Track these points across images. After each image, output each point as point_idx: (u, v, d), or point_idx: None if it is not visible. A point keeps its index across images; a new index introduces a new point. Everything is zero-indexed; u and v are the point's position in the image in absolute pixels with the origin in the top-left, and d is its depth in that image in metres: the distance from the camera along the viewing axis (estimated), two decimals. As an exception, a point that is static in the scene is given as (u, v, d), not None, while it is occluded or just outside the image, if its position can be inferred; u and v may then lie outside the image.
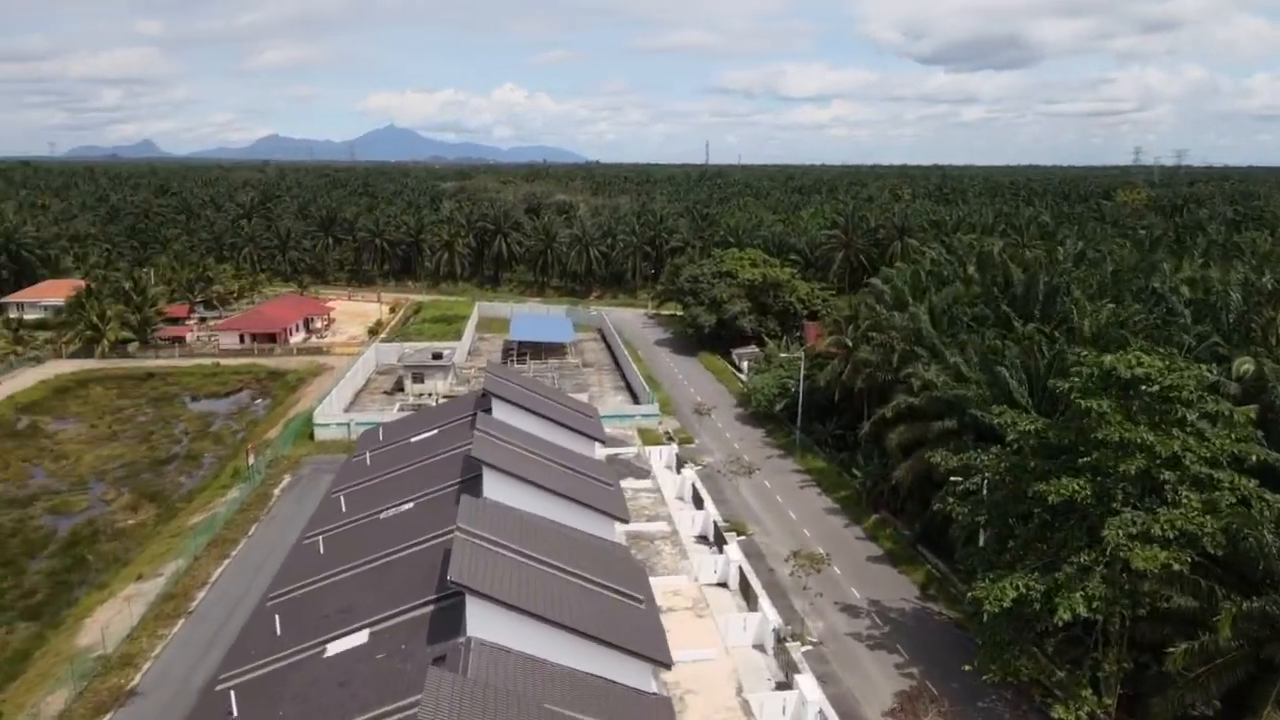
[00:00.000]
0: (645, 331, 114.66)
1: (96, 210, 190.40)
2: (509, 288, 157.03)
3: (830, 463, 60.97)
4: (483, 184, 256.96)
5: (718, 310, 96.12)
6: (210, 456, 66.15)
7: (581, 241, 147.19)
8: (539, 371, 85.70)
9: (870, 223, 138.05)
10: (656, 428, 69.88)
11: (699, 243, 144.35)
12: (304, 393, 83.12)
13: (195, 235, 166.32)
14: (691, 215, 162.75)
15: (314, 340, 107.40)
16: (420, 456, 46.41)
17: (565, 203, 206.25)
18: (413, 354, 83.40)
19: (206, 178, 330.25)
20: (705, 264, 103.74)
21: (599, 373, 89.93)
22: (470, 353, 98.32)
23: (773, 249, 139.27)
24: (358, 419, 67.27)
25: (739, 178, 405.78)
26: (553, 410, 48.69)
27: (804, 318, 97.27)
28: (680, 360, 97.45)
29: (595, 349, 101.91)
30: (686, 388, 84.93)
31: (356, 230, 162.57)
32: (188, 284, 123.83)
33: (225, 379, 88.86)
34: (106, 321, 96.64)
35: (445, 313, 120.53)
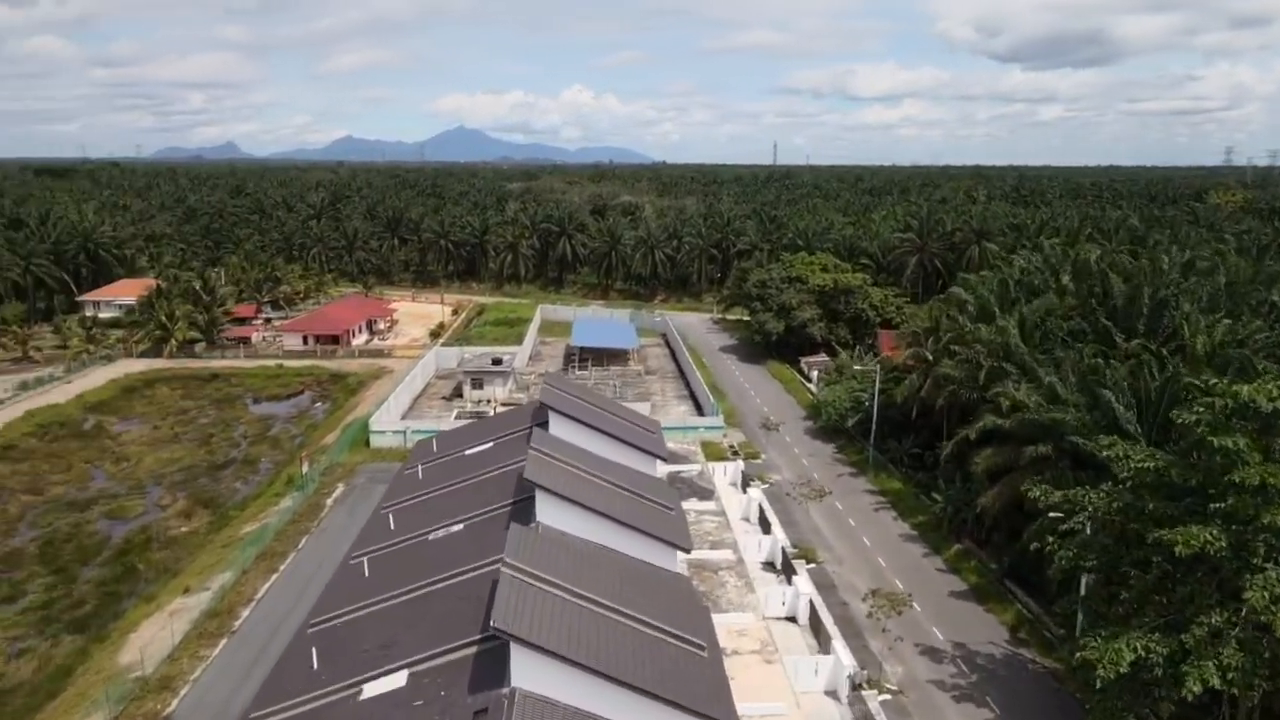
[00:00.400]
0: (710, 337, 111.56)
1: (174, 210, 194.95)
2: (572, 290, 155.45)
3: (907, 484, 57.13)
4: (548, 185, 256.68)
5: (786, 317, 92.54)
6: (267, 462, 65.33)
7: (646, 243, 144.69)
8: (600, 379, 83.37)
9: (946, 226, 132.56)
10: (721, 441, 66.83)
11: (767, 246, 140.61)
12: (363, 396, 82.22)
13: (267, 235, 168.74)
14: (759, 217, 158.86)
15: (376, 342, 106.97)
16: (473, 472, 44.27)
17: (630, 204, 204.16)
18: (472, 359, 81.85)
19: (282, 178, 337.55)
20: (774, 269, 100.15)
21: (662, 380, 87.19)
22: (531, 357, 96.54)
23: (843, 253, 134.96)
24: (414, 427, 65.73)
25: (807, 179, 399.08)
26: (612, 425, 46.11)
27: (877, 326, 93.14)
28: (746, 368, 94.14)
29: (659, 355, 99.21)
30: (753, 398, 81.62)
31: (422, 231, 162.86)
32: (256, 284, 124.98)
33: (287, 381, 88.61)
34: (175, 322, 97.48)
35: (508, 315, 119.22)
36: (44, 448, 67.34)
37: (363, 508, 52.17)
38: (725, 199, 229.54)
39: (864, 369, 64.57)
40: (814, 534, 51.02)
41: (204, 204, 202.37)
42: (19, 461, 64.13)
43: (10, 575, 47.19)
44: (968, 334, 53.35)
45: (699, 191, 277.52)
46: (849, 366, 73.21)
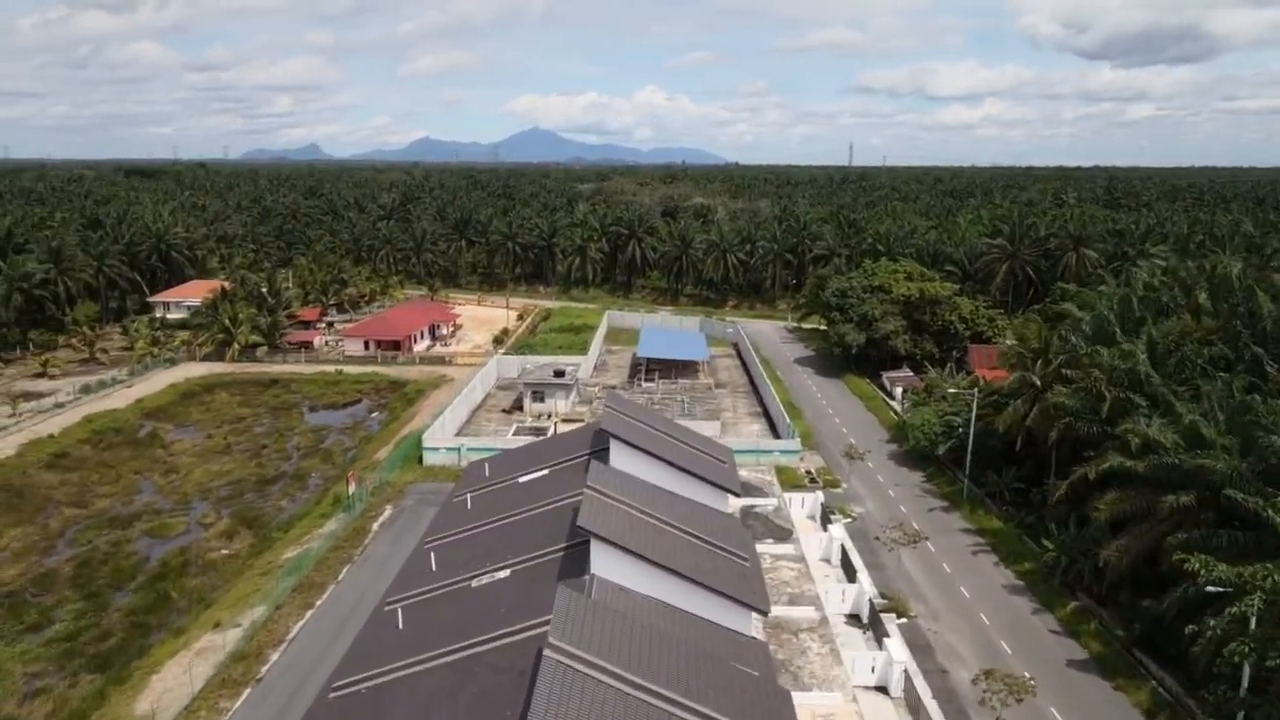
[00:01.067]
0: (784, 348, 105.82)
1: (250, 211, 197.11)
2: (641, 295, 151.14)
3: (1008, 523, 50.94)
4: (619, 186, 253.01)
5: (868, 329, 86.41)
6: (317, 477, 62.35)
7: (719, 247, 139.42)
8: (668, 392, 78.62)
9: (1039, 231, 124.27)
10: (797, 467, 61.45)
11: (845, 251, 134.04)
12: (422, 406, 79.10)
13: (338, 236, 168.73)
14: (837, 221, 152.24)
15: (438, 348, 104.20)
16: (525, 505, 39.98)
17: (702, 206, 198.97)
18: (533, 370, 77.97)
19: (358, 179, 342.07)
20: (854, 277, 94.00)
21: (733, 395, 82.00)
22: (596, 367, 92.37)
23: (926, 259, 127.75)
24: (468, 444, 61.98)
25: (884, 180, 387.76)
26: (680, 455, 41.37)
27: (966, 340, 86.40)
28: (823, 383, 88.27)
29: (729, 366, 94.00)
30: (831, 417, 75.86)
31: (489, 233, 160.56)
32: (322, 286, 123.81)
33: (345, 389, 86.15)
34: (238, 325, 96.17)
35: (573, 322, 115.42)
36: (96, 456, 65.69)
37: (409, 534, 48.51)
38: (800, 201, 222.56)
39: (959, 392, 58.42)
40: (904, 580, 45.41)
41: (279, 204, 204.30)
42: (70, 471, 62.45)
43: (41, 599, 44.76)
44: (1084, 357, 47.02)
45: (773, 193, 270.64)
46: (940, 386, 66.98)
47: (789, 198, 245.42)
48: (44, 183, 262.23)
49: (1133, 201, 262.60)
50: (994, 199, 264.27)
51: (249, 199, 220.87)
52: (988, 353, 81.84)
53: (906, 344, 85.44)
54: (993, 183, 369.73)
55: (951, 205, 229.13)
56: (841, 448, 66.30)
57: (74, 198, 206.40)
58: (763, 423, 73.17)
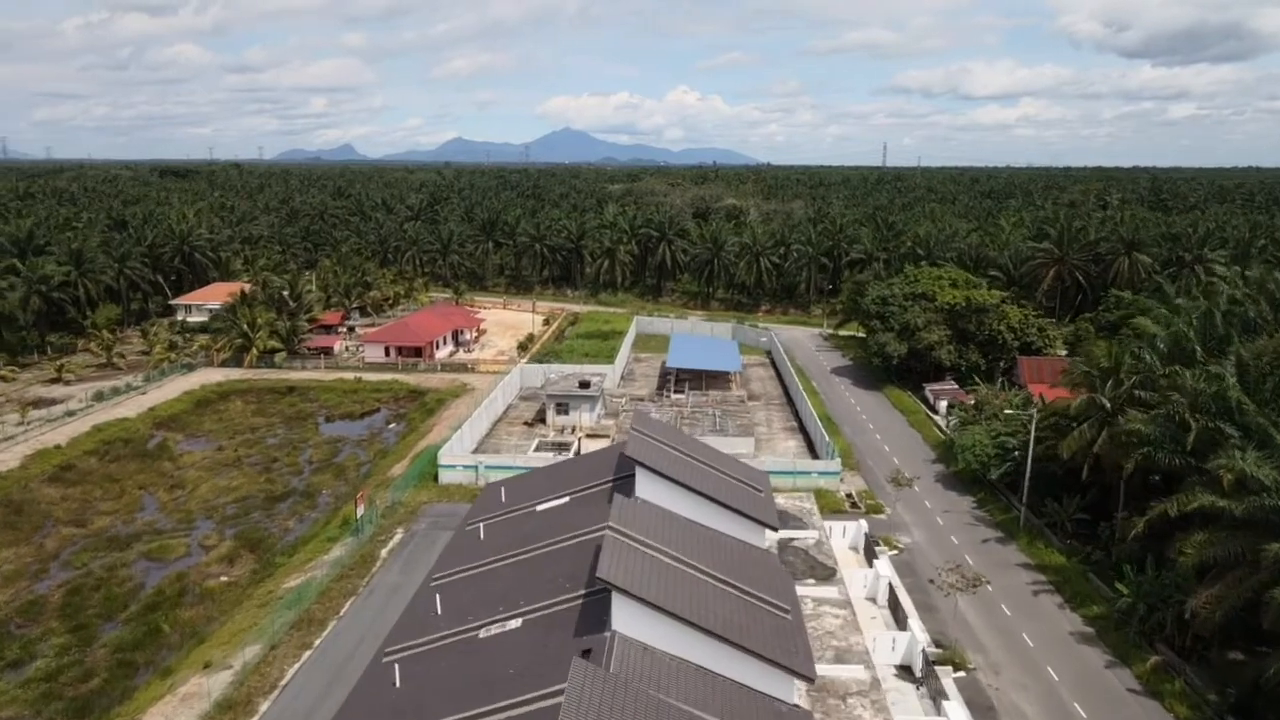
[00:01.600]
0: (820, 357, 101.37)
1: (278, 212, 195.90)
2: (671, 299, 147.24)
3: (1072, 559, 46.40)
4: (650, 186, 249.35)
5: (910, 339, 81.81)
6: (327, 495, 59.17)
7: (751, 250, 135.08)
8: (698, 405, 74.65)
9: (1089, 235, 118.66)
10: (837, 489, 57.25)
11: (883, 255, 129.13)
12: (441, 417, 75.86)
13: (365, 238, 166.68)
14: (875, 223, 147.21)
15: (461, 355, 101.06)
16: (542, 540, 36.40)
17: (735, 207, 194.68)
18: (558, 380, 74.37)
19: (388, 179, 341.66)
20: (896, 283, 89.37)
21: (767, 408, 77.85)
22: (624, 377, 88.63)
23: (969, 263, 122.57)
24: (486, 462, 58.47)
25: (919, 180, 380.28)
26: (711, 484, 37.61)
27: (1014, 350, 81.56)
28: (862, 395, 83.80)
29: (763, 377, 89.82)
30: (871, 433, 71.48)
31: (517, 235, 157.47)
32: (345, 289, 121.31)
33: (363, 397, 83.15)
34: (256, 330, 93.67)
35: (601, 327, 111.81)
36: (102, 469, 63.08)
37: (419, 562, 45.13)
38: (835, 202, 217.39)
39: (1015, 414, 53.83)
40: (959, 625, 41.08)
41: (307, 205, 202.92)
42: (73, 485, 59.84)
43: (26, 630, 41.84)
44: (1162, 379, 42.43)
45: (806, 194, 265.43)
46: (989, 403, 62.37)
47: (823, 199, 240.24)
48: (79, 183, 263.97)
49: (1180, 203, 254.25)
50: (1034, 200, 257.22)
51: (278, 200, 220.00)
52: (1038, 365, 77.07)
53: (951, 355, 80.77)
54: (1031, 183, 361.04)
55: (990, 207, 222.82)
56: (884, 468, 62.05)
57: (104, 198, 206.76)
58: (799, 439, 69.00)
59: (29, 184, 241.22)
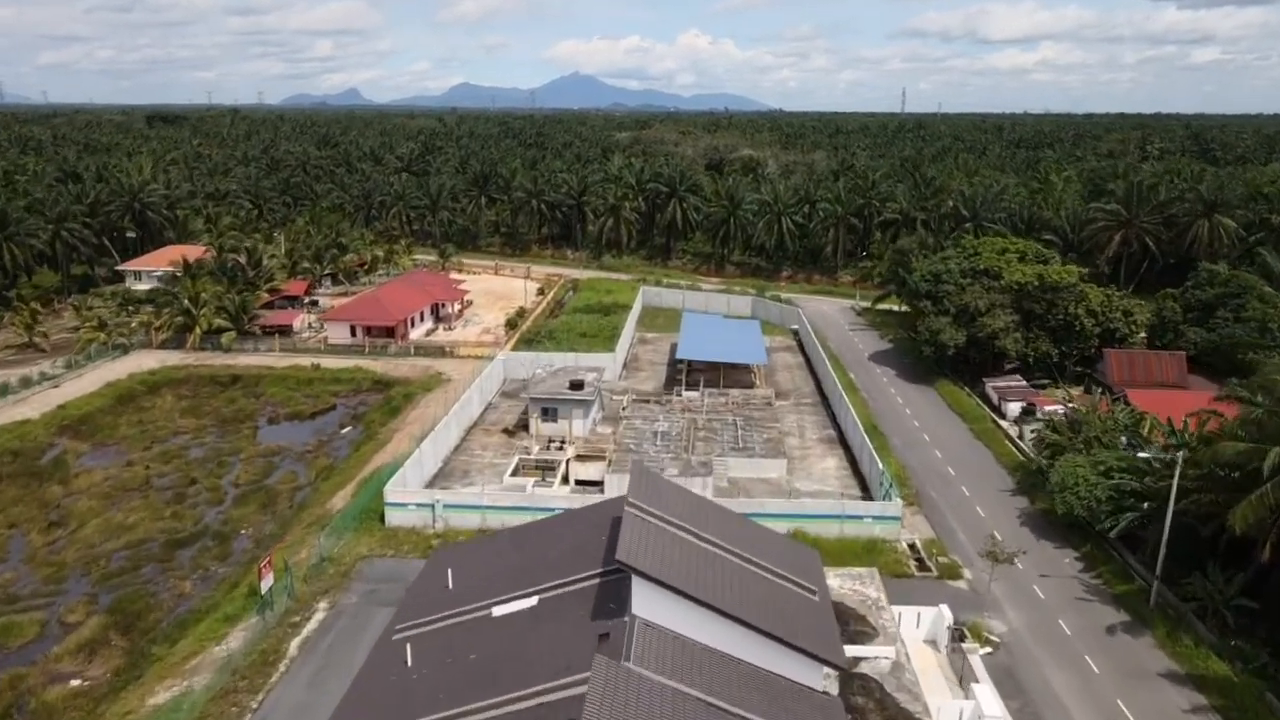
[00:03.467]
0: (855, 339, 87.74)
1: (259, 162, 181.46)
2: (682, 261, 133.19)
3: (1241, 672, 33.47)
4: (659, 135, 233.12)
5: (969, 324, 68.27)
6: (246, 537, 46.64)
7: (772, 209, 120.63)
8: (715, 409, 61.53)
9: (1159, 194, 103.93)
10: (897, 537, 44.39)
11: (920, 214, 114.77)
12: (407, 419, 63.15)
13: (349, 191, 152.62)
14: (911, 178, 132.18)
15: (441, 333, 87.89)
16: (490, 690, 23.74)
17: (751, 159, 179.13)
18: (544, 378, 61.22)
19: (386, 126, 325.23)
20: (951, 257, 75.34)
21: (798, 409, 64.72)
22: (626, 364, 75.45)
23: (1020, 226, 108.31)
24: (446, 499, 45.69)
25: (943, 129, 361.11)
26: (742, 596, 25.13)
27: (1094, 339, 68.06)
28: (909, 391, 70.54)
29: (790, 365, 76.51)
30: (927, 446, 58.40)
31: (513, 189, 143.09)
32: (316, 252, 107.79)
33: (319, 390, 70.38)
34: (200, 306, 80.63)
35: (602, 299, 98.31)
36: (-30, 496, 50.58)
37: (337, 668, 32.71)
38: (859, 153, 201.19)
39: (1157, 456, 40.58)
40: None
41: (289, 156, 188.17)
42: (-72, 521, 47.45)
43: None
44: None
45: (826, 144, 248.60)
46: (1092, 422, 48.99)
47: (845, 149, 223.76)
48: (55, 130, 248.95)
49: (1227, 154, 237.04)
50: (1074, 151, 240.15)
51: (259, 149, 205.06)
52: (1129, 361, 63.66)
53: (1017, 344, 67.28)
54: (1059, 131, 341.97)
55: (1027, 158, 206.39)
56: (953, 501, 49.16)
57: (72, 146, 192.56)
58: (839, 454, 55.96)
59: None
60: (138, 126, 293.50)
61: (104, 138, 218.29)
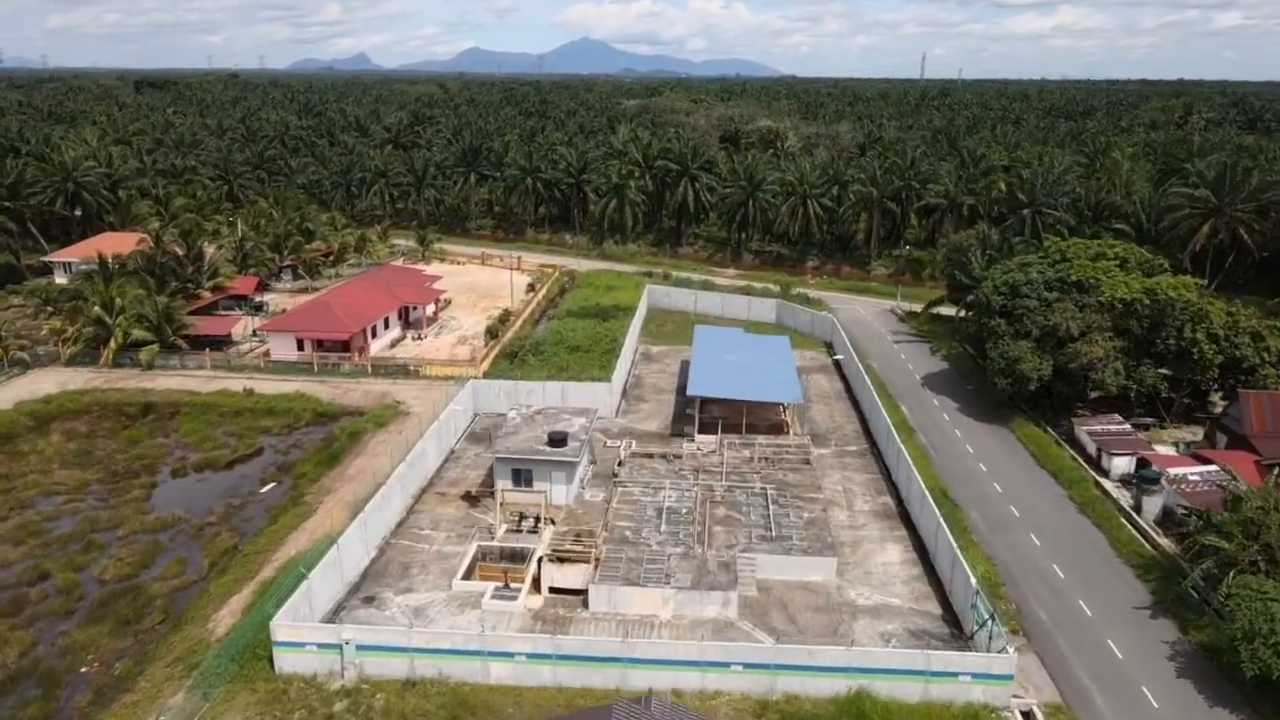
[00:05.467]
0: (900, 352, 73.53)
1: (235, 132, 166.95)
2: (694, 248, 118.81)
3: None
4: (670, 104, 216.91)
5: (1056, 351, 54.17)
6: (82, 683, 33.37)
7: (797, 191, 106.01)
8: (737, 467, 47.78)
9: (1252, 180, 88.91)
10: (1005, 706, 30.78)
11: (968, 198, 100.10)
12: (349, 470, 49.87)
13: (328, 166, 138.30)
14: (956, 156, 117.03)
15: (409, 343, 74.14)
16: None
17: (769, 130, 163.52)
18: (518, 423, 47.48)
19: (382, 93, 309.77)
20: (1033, 263, 60.72)
21: (841, 463, 50.88)
22: (626, 392, 61.61)
23: (1085, 213, 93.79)
24: (360, 639, 32.18)
25: (968, 96, 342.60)
26: None
27: (1214, 368, 53.92)
28: (978, 433, 56.57)
29: (827, 392, 62.57)
30: (1017, 525, 44.63)
31: (505, 166, 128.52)
32: (275, 241, 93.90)
33: (245, 426, 56.92)
34: (116, 312, 67.15)
35: (601, 299, 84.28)
36: None
37: None
38: (887, 125, 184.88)
39: None
40: None
41: (266, 126, 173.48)
42: None
43: None
44: None
45: (849, 113, 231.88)
46: (1271, 508, 35.10)
47: (869, 118, 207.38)
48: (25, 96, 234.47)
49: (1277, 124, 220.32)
50: (1118, 121, 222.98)
51: (236, 119, 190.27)
52: (1273, 405, 49.37)
53: (1118, 378, 53.22)
54: (1091, 99, 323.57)
55: (1070, 129, 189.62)
56: (1068, 622, 35.48)
57: (36, 114, 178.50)
58: (901, 538, 42.25)
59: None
60: (121, 93, 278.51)
61: (77, 105, 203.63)
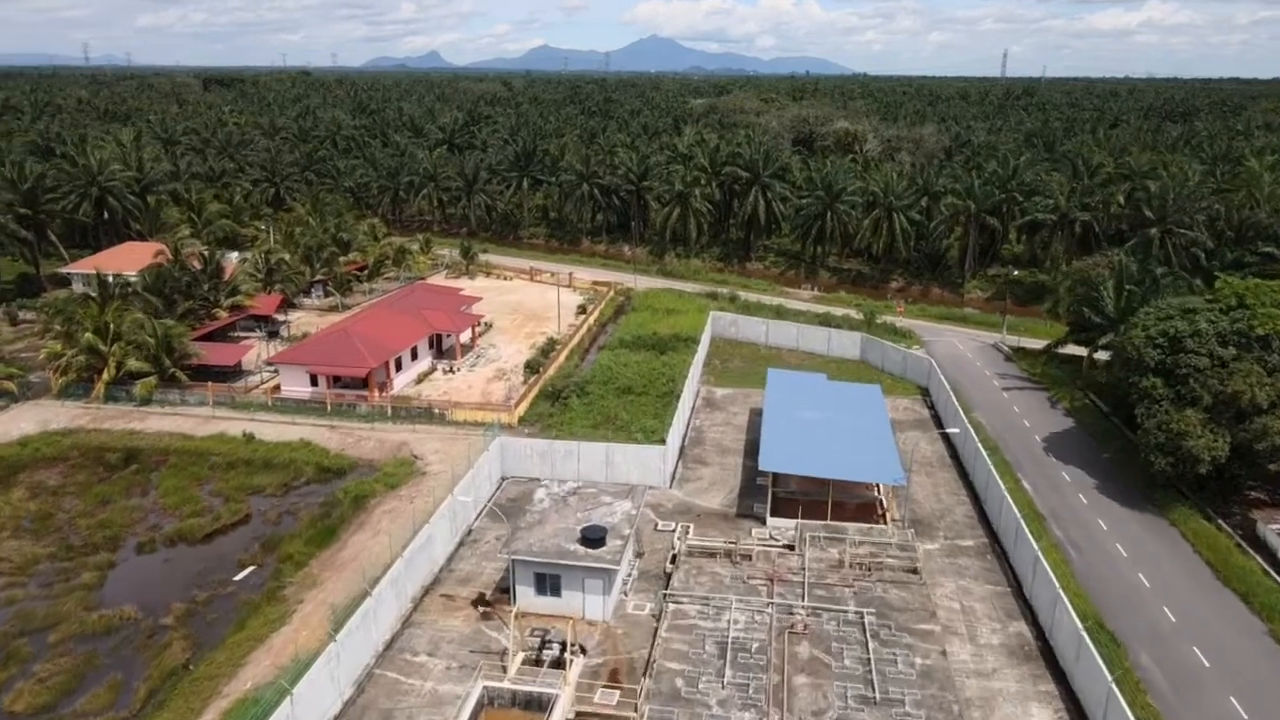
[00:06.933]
0: (1013, 404, 61.66)
1: (287, 131, 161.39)
2: (764, 262, 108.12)
3: None
4: (739, 103, 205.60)
5: (1236, 425, 42.35)
6: None
7: (882, 203, 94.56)
8: (821, 578, 37.31)
9: None
10: None
11: (1082, 214, 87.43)
12: (345, 550, 40.98)
13: (378, 168, 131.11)
14: (1068, 164, 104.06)
15: (439, 375, 65.16)
16: None
17: (846, 133, 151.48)
18: (545, 508, 37.79)
19: (443, 91, 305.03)
20: (1199, 308, 48.51)
21: (955, 567, 39.97)
22: (686, 445, 51.45)
23: (1225, 232, 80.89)
24: None
25: (1055, 96, 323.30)
26: None
27: None
28: (1131, 526, 44.91)
29: (927, 457, 51.43)
30: (1211, 681, 33.31)
31: (560, 170, 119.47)
32: (306, 253, 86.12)
33: (236, 484, 48.40)
34: (111, 339, 59.54)
35: (658, 327, 74.34)
36: None
37: None
38: (976, 127, 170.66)
39: None
40: None
41: (320, 125, 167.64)
42: None
43: None
44: None
45: (930, 114, 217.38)
46: None
47: (954, 120, 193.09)
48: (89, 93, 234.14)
49: None
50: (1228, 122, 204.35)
51: (293, 117, 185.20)
52: None
53: (1318, 460, 41.17)
54: (1192, 99, 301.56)
55: (1183, 133, 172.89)
56: None
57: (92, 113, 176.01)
58: (1052, 697, 31.35)
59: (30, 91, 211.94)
60: (188, 91, 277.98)
61: (135, 104, 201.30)
